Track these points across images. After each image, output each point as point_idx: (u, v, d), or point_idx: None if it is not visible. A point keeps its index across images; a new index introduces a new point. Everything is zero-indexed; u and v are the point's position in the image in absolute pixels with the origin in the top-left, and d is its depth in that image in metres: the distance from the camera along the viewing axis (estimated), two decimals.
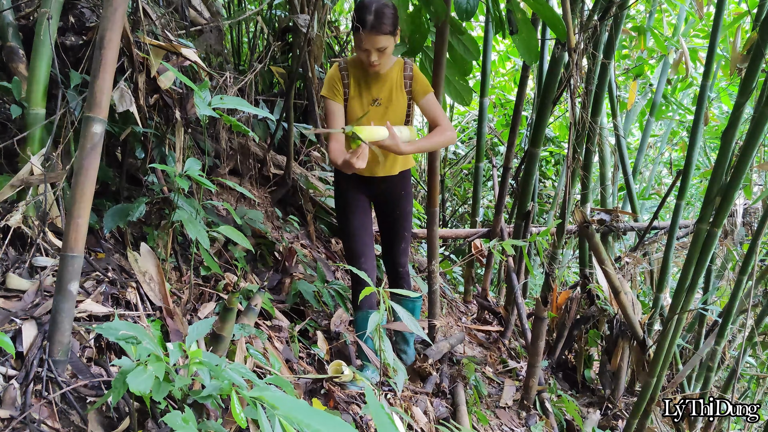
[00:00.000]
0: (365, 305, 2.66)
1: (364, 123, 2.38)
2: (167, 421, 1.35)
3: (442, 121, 2.59)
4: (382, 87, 2.56)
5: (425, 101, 2.58)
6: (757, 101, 2.75)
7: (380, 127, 2.37)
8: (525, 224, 4.05)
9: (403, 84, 2.57)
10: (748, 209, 4.16)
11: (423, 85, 2.58)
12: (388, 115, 2.57)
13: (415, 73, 2.57)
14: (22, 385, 1.56)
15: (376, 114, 2.56)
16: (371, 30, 2.32)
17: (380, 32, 2.33)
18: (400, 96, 2.58)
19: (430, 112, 2.60)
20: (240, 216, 3.04)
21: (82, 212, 1.63)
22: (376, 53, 2.39)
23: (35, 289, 1.90)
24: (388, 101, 2.57)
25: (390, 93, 2.56)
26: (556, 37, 3.07)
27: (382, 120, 2.54)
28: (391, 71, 2.56)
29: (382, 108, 2.57)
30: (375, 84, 2.56)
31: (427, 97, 2.58)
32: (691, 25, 5.53)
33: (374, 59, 2.40)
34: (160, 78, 2.37)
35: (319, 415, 1.19)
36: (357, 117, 2.56)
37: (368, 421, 2.35)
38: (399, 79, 2.56)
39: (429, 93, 2.59)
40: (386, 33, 2.35)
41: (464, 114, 7.78)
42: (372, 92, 2.56)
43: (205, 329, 1.66)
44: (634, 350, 3.77)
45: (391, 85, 2.56)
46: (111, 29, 1.62)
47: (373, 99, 2.57)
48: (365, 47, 2.38)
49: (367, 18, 2.31)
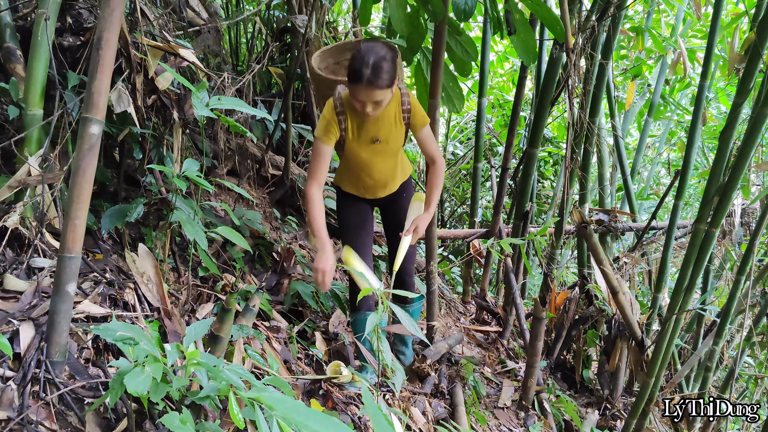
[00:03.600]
0: (363, 307, 2.66)
1: (352, 259, 2.46)
2: (165, 422, 1.34)
3: (436, 156, 2.64)
4: (380, 126, 2.51)
5: (422, 134, 2.59)
6: (754, 101, 2.75)
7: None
8: (523, 224, 4.06)
9: (401, 117, 2.53)
10: (746, 209, 4.17)
11: (421, 118, 2.55)
12: (388, 149, 2.58)
13: (412, 105, 2.52)
14: (20, 387, 1.55)
15: (376, 150, 2.56)
16: (368, 85, 2.23)
17: (377, 87, 2.24)
18: (399, 129, 2.55)
19: (426, 145, 2.62)
20: (238, 217, 3.04)
21: (80, 213, 1.63)
22: (371, 105, 2.32)
23: (33, 290, 1.90)
24: (388, 137, 2.54)
25: (389, 129, 2.53)
26: (554, 37, 3.07)
27: (383, 154, 2.58)
28: (388, 106, 2.46)
29: (382, 144, 2.56)
30: (373, 124, 2.50)
31: (424, 130, 2.58)
32: (689, 25, 5.53)
33: (369, 110, 2.34)
34: (158, 79, 2.37)
35: (317, 416, 1.19)
36: (357, 157, 2.56)
37: (366, 421, 2.34)
38: (397, 113, 2.51)
39: (426, 125, 2.58)
40: (383, 87, 2.26)
41: (463, 114, 7.79)
42: (370, 132, 2.51)
43: (203, 330, 1.65)
44: (633, 350, 3.77)
45: (389, 121, 2.51)
46: (108, 30, 1.61)
47: (373, 139, 2.53)
48: (360, 99, 2.30)
49: (364, 72, 2.21)
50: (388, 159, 2.62)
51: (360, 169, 2.62)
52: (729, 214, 3.95)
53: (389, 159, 2.62)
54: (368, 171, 2.62)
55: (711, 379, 3.92)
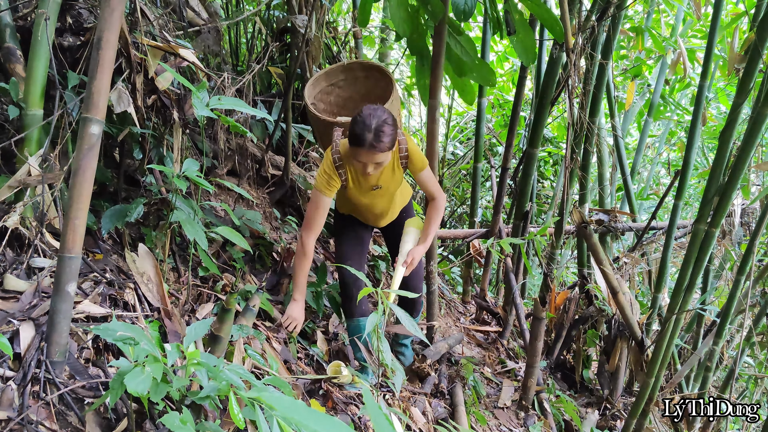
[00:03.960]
0: (357, 313, 2.67)
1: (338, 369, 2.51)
2: (165, 422, 1.34)
3: (436, 194, 2.68)
4: (380, 175, 2.54)
5: (421, 176, 2.62)
6: (754, 101, 2.75)
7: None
8: (523, 224, 4.06)
9: (399, 163, 2.56)
10: (746, 209, 4.17)
11: (419, 163, 2.57)
12: (388, 192, 2.63)
13: (410, 151, 2.53)
14: (20, 387, 1.55)
15: (377, 195, 2.61)
16: (370, 149, 2.28)
17: (379, 150, 2.29)
18: (397, 174, 2.59)
19: (426, 185, 2.66)
20: (238, 217, 3.04)
21: (80, 213, 1.63)
22: (372, 166, 2.36)
23: (33, 290, 1.90)
24: (388, 183, 2.59)
25: (388, 176, 2.57)
26: (554, 37, 3.07)
27: (384, 197, 2.63)
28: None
29: (383, 190, 2.60)
30: (373, 174, 2.51)
31: (423, 173, 2.61)
32: (689, 25, 5.53)
33: (370, 171, 2.38)
34: (158, 79, 2.37)
35: (317, 416, 1.19)
36: (358, 201, 2.61)
37: (366, 421, 2.34)
38: (395, 159, 2.54)
39: (425, 168, 2.60)
40: (385, 150, 2.30)
41: (462, 114, 7.79)
42: (370, 181, 2.55)
43: (203, 330, 1.65)
44: (633, 350, 3.77)
45: (388, 169, 2.55)
46: (109, 30, 1.61)
47: (372, 186, 2.57)
48: (363, 161, 2.34)
49: (366, 136, 2.25)
50: (388, 198, 2.69)
51: (361, 208, 2.70)
52: (729, 214, 3.95)
53: (389, 198, 2.69)
54: (369, 209, 2.70)
55: (711, 379, 3.92)
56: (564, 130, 6.33)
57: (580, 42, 3.10)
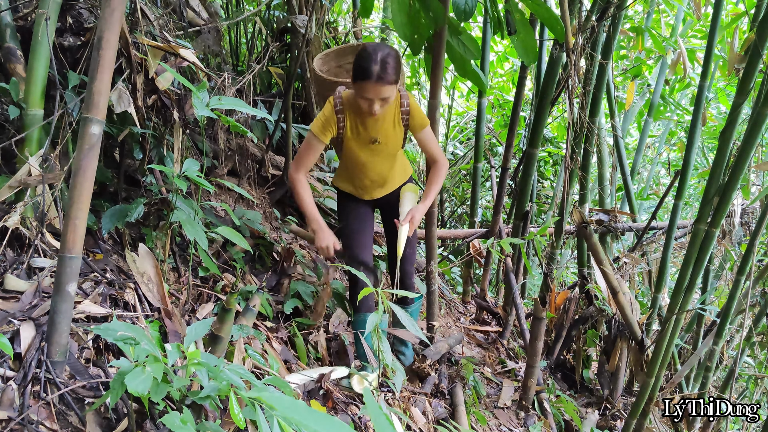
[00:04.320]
0: (363, 308, 2.66)
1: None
2: (165, 422, 1.34)
3: (437, 156, 2.64)
4: (379, 127, 2.53)
5: (422, 135, 2.60)
6: (754, 101, 2.75)
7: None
8: (523, 225, 4.06)
9: (399, 119, 2.54)
10: (746, 209, 4.17)
11: (420, 120, 2.56)
12: (387, 149, 2.59)
13: (411, 107, 2.53)
14: (20, 387, 1.55)
15: (375, 151, 2.57)
16: (377, 81, 2.26)
17: (386, 82, 2.28)
18: (397, 131, 2.57)
19: (427, 145, 2.63)
20: (238, 217, 3.04)
21: (80, 213, 1.63)
22: (379, 102, 2.34)
23: (33, 290, 1.90)
24: (387, 138, 2.56)
25: (387, 131, 2.55)
26: (555, 37, 3.07)
27: (381, 155, 2.59)
28: (387, 108, 2.50)
29: (381, 145, 2.57)
30: (372, 124, 2.52)
31: (424, 132, 2.59)
32: (689, 25, 5.53)
33: (377, 108, 2.35)
34: (158, 79, 2.37)
35: (318, 415, 1.19)
36: (356, 157, 2.58)
37: (367, 421, 2.34)
38: (396, 114, 2.53)
39: (426, 127, 2.59)
40: (391, 83, 2.30)
41: (462, 114, 7.79)
42: (369, 132, 2.54)
43: (204, 330, 1.65)
44: (633, 350, 3.77)
45: (387, 123, 2.53)
46: (109, 30, 1.61)
47: (371, 139, 2.55)
48: (369, 97, 2.32)
49: (372, 68, 2.24)
50: (387, 160, 2.64)
51: (358, 169, 2.64)
52: (729, 214, 3.95)
53: (387, 160, 2.64)
54: (366, 171, 2.64)
55: (711, 379, 3.93)
56: (564, 130, 6.33)
57: (580, 42, 3.10)
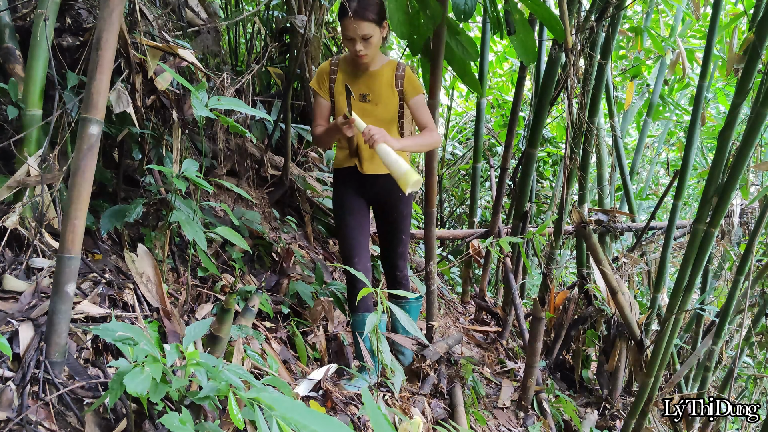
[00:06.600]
0: (361, 308, 2.66)
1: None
2: (164, 422, 1.34)
3: (429, 124, 2.60)
4: (371, 84, 2.55)
5: (414, 102, 2.57)
6: (753, 101, 2.75)
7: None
8: (522, 225, 4.06)
9: (394, 83, 2.56)
10: (745, 209, 4.17)
11: (414, 85, 2.57)
12: (377, 111, 2.56)
13: (407, 73, 2.57)
14: (19, 387, 1.55)
15: (365, 110, 2.55)
16: (355, 15, 2.33)
17: (364, 18, 2.33)
18: (391, 95, 2.57)
19: (418, 112, 2.59)
20: (237, 217, 3.04)
21: (79, 213, 1.63)
22: (361, 42, 2.39)
23: (32, 291, 1.89)
24: (378, 98, 2.56)
25: (380, 90, 2.55)
26: (554, 37, 3.07)
27: (372, 116, 2.54)
28: (382, 70, 2.56)
29: (371, 105, 2.56)
30: (364, 80, 2.56)
31: (417, 98, 2.58)
32: (688, 25, 5.53)
33: (359, 48, 2.40)
34: (157, 79, 2.37)
35: (317, 416, 1.19)
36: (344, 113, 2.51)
37: (366, 422, 2.34)
38: (390, 78, 2.56)
39: (419, 94, 2.58)
40: (370, 20, 2.35)
41: (462, 114, 7.79)
42: (360, 88, 2.55)
43: (203, 330, 1.65)
44: (632, 350, 3.77)
45: (381, 83, 2.55)
46: (108, 30, 1.61)
47: (362, 95, 2.56)
48: (350, 35, 2.38)
49: (350, 3, 2.31)
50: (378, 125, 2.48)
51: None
52: (728, 214, 3.96)
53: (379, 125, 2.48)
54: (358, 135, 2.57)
55: (710, 379, 3.93)
56: (563, 130, 6.33)
57: (579, 42, 3.10)
